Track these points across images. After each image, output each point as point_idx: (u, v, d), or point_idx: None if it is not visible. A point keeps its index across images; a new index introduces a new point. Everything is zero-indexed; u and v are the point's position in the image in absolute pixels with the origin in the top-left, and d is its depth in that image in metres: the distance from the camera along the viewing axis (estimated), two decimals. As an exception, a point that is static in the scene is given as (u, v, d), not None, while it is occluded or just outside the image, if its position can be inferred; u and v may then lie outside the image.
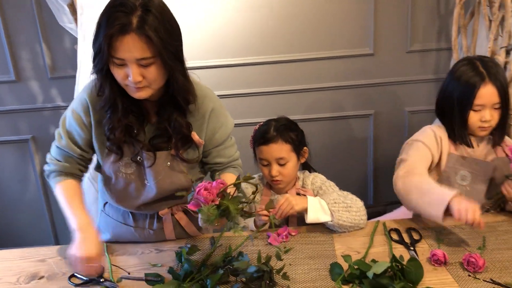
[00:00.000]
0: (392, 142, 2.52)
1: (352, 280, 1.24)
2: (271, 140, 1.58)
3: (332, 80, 2.39)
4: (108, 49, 1.14)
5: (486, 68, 1.52)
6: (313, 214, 1.46)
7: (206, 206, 1.14)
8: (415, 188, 1.48)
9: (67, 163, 1.40)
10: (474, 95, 1.50)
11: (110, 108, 1.29)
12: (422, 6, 2.28)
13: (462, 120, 1.54)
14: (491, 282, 1.21)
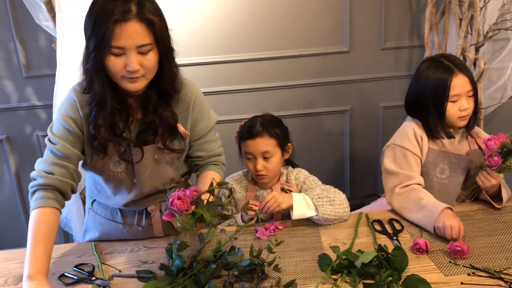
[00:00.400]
0: (367, 137, 2.59)
1: (340, 270, 1.29)
2: (257, 135, 1.62)
3: (309, 77, 2.43)
4: (109, 38, 1.15)
5: (451, 61, 1.60)
6: (299, 210, 1.50)
7: (180, 216, 1.13)
8: (411, 205, 1.55)
9: (62, 168, 1.31)
10: (448, 87, 1.57)
11: (97, 105, 1.28)
12: (395, 5, 2.35)
13: (440, 114, 1.60)
14: (470, 267, 1.28)
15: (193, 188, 1.16)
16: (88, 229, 1.59)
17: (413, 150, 1.64)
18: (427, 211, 1.49)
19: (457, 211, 1.58)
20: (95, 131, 1.31)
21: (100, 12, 1.16)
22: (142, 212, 1.51)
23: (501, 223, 1.49)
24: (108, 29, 1.15)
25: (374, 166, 2.66)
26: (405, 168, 1.63)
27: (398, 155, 1.66)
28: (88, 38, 1.20)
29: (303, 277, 1.29)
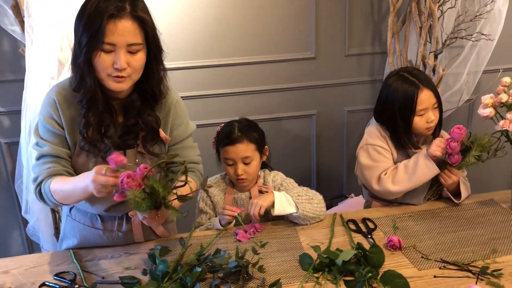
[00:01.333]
0: (333, 140, 2.68)
1: (321, 268, 1.35)
2: (236, 141, 1.65)
3: (277, 83, 2.49)
4: (102, 33, 1.17)
5: (415, 76, 1.70)
6: (280, 206, 1.55)
7: (130, 191, 1.10)
8: (405, 176, 1.65)
9: (57, 164, 1.34)
10: (415, 102, 1.66)
11: (89, 101, 1.29)
12: (357, 13, 2.45)
13: (407, 127, 1.70)
14: (441, 261, 1.37)
15: (143, 165, 1.14)
16: (65, 236, 1.57)
17: (384, 146, 1.74)
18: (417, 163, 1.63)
19: (423, 209, 1.69)
20: (85, 129, 1.31)
21: (94, 8, 1.18)
22: (122, 217, 1.51)
23: (464, 219, 1.60)
24: (102, 24, 1.17)
25: (340, 168, 2.75)
26: (381, 161, 1.72)
27: (371, 152, 1.74)
28: (80, 34, 1.21)
29: (286, 277, 1.33)
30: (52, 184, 1.29)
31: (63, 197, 1.29)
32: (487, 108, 1.50)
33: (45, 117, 1.34)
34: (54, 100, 1.33)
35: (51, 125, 1.33)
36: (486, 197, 1.75)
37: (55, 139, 1.34)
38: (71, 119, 1.35)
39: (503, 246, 1.43)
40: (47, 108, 1.34)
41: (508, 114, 1.44)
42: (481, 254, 1.39)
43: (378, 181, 1.71)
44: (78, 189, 1.23)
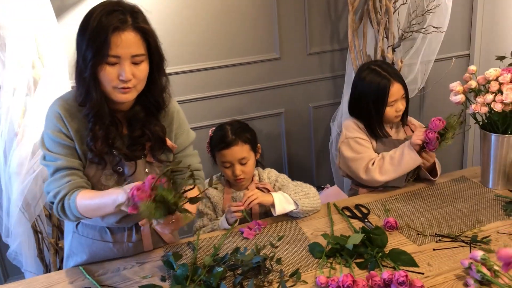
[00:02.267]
0: (301, 135, 2.80)
1: (332, 254, 1.44)
2: (232, 143, 1.71)
3: (246, 84, 2.57)
4: (107, 46, 1.19)
5: (386, 70, 1.84)
6: (280, 206, 1.63)
7: (142, 203, 1.14)
8: (391, 166, 1.78)
9: (76, 177, 1.34)
10: (387, 94, 1.81)
11: (96, 115, 1.30)
12: (316, 14, 2.58)
13: (379, 117, 1.85)
14: (436, 235, 1.51)
15: (150, 176, 1.18)
16: (72, 253, 1.55)
17: (363, 137, 1.87)
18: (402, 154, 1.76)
19: (406, 191, 1.83)
20: (93, 142, 1.32)
21: (97, 23, 1.20)
22: (131, 228, 1.53)
23: (444, 196, 1.77)
24: (106, 38, 1.19)
25: (309, 161, 2.88)
26: (363, 152, 1.85)
27: (353, 145, 1.87)
28: (84, 49, 1.22)
29: (300, 266, 1.41)
30: (79, 198, 1.29)
31: (89, 210, 1.30)
32: (459, 94, 1.66)
33: (53, 131, 1.33)
34: (59, 114, 1.33)
35: (61, 138, 1.33)
36: (458, 174, 1.93)
37: (67, 151, 1.34)
38: (78, 132, 1.35)
39: (484, 216, 1.60)
40: (53, 122, 1.33)
41: (478, 98, 1.61)
42: (467, 225, 1.55)
43: (365, 171, 1.83)
44: (108, 203, 1.25)
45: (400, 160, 1.76)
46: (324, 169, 2.92)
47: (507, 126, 1.66)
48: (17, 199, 1.96)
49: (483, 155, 1.78)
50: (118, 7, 1.24)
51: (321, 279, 1.29)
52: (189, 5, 2.32)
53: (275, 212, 1.63)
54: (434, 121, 1.67)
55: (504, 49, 2.77)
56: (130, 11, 1.25)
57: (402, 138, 1.91)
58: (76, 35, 1.27)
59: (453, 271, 1.33)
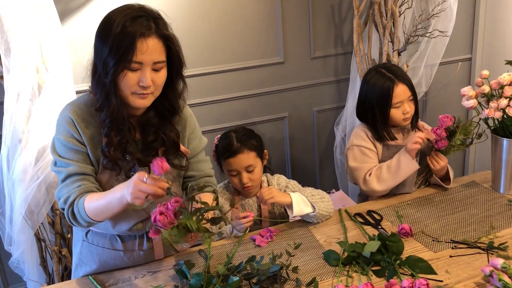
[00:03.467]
0: (304, 139, 2.78)
1: (348, 262, 1.42)
2: (237, 152, 1.68)
3: (250, 89, 2.54)
4: (132, 52, 1.18)
5: (391, 72, 1.83)
6: (297, 207, 1.60)
7: (166, 230, 1.14)
8: (388, 175, 1.77)
9: (87, 182, 1.32)
10: (391, 95, 1.79)
11: (114, 120, 1.27)
12: (320, 18, 2.57)
13: (384, 119, 1.83)
14: (452, 242, 1.50)
15: (174, 199, 1.17)
16: (81, 263, 1.52)
17: (369, 146, 1.85)
18: (399, 161, 1.76)
19: (417, 196, 1.82)
20: (108, 148, 1.30)
21: (121, 29, 1.18)
22: (142, 236, 1.50)
23: (457, 201, 1.75)
24: (133, 44, 1.17)
25: (313, 166, 2.86)
26: (365, 162, 1.84)
27: (357, 154, 1.85)
28: (106, 55, 1.19)
29: (317, 274, 1.39)
30: (86, 201, 1.27)
31: (97, 212, 1.28)
32: (471, 99, 1.65)
33: (65, 137, 1.31)
34: (71, 119, 1.31)
35: (73, 143, 1.31)
36: (467, 179, 1.93)
37: (79, 157, 1.32)
38: (91, 138, 1.33)
39: (498, 221, 1.59)
40: (65, 127, 1.31)
41: (491, 103, 1.60)
42: (482, 231, 1.54)
43: (364, 182, 1.82)
44: (114, 200, 1.23)
45: (397, 168, 1.75)
46: (328, 174, 2.90)
47: (520, 131, 1.65)
48: (21, 206, 1.92)
49: (494, 160, 1.77)
50: (142, 12, 1.22)
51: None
52: (193, 10, 2.29)
53: (292, 213, 1.60)
54: (442, 118, 1.67)
55: (506, 53, 2.79)
56: (154, 17, 1.23)
57: None
58: (95, 41, 1.25)
59: (472, 279, 1.31)
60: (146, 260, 1.53)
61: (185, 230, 1.16)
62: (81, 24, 2.13)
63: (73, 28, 2.12)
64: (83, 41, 2.13)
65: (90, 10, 2.12)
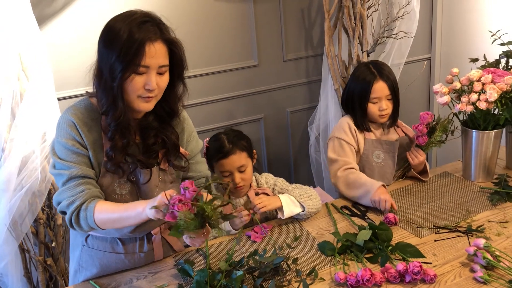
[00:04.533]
0: (279, 139, 2.87)
1: (343, 251, 1.51)
2: (229, 153, 1.73)
3: (226, 91, 2.60)
4: (140, 56, 1.21)
5: (377, 69, 1.94)
6: (288, 209, 1.68)
7: (181, 212, 1.16)
8: (352, 185, 1.84)
9: (90, 186, 1.33)
10: (369, 90, 1.91)
11: (118, 125, 1.30)
12: (291, 22, 2.66)
13: (362, 110, 1.94)
14: (434, 228, 1.61)
15: (192, 188, 1.21)
16: (81, 268, 1.52)
17: (348, 140, 1.95)
18: (366, 187, 1.79)
19: (396, 188, 1.93)
20: (112, 152, 1.33)
21: (128, 35, 1.21)
22: (142, 238, 1.52)
23: (434, 190, 1.88)
24: (141, 48, 1.21)
25: (288, 165, 2.94)
26: (342, 155, 1.93)
27: (336, 145, 1.95)
28: (113, 61, 1.22)
29: (316, 263, 1.47)
30: (98, 209, 1.29)
31: (108, 222, 1.30)
32: (445, 96, 1.78)
33: (67, 140, 1.32)
34: (73, 122, 1.32)
35: (75, 146, 1.32)
36: (440, 170, 2.06)
37: (81, 160, 1.33)
38: (93, 142, 1.35)
39: (473, 207, 1.72)
40: (67, 130, 1.32)
41: (463, 98, 1.74)
42: (460, 216, 1.67)
43: (334, 175, 1.92)
44: (132, 213, 1.26)
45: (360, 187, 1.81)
46: (302, 171, 2.99)
47: (487, 123, 1.79)
48: (5, 217, 1.89)
49: (465, 150, 1.91)
50: (147, 18, 1.26)
51: (340, 275, 1.35)
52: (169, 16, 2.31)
53: (284, 215, 1.67)
54: (423, 115, 1.79)
55: (462, 52, 2.98)
56: (158, 22, 1.27)
57: (394, 139, 2.00)
58: (100, 47, 1.27)
59: (458, 259, 1.43)
60: (146, 262, 1.55)
61: (199, 218, 1.19)
62: (60, 30, 2.11)
63: (52, 34, 2.10)
64: (63, 47, 2.12)
65: (67, 15, 2.11)
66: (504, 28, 2.00)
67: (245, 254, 1.50)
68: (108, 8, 2.17)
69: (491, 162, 1.87)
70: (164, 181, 1.46)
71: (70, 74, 2.17)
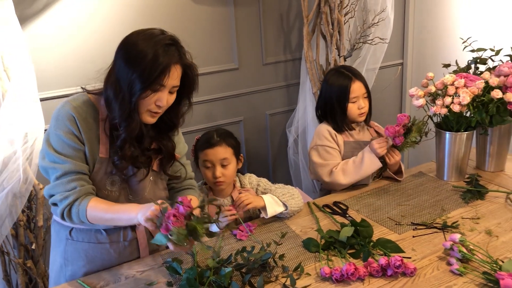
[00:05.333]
0: (259, 142, 2.92)
1: (326, 248, 1.57)
2: (216, 144, 1.79)
3: (206, 94, 2.63)
4: (164, 76, 1.27)
5: (349, 71, 2.04)
6: (271, 209, 1.72)
7: (175, 227, 1.23)
8: (352, 169, 1.94)
9: (84, 182, 1.37)
10: (349, 90, 1.99)
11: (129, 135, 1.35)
12: (270, 27, 2.71)
13: (342, 112, 2.02)
14: (412, 224, 1.69)
15: (186, 203, 1.27)
16: (67, 262, 1.52)
17: (332, 145, 2.02)
18: (361, 155, 1.94)
19: (375, 187, 2.01)
20: (120, 161, 1.39)
21: (155, 55, 1.26)
22: (126, 227, 1.55)
23: (410, 189, 1.97)
24: (166, 68, 1.27)
25: (267, 166, 2.99)
26: (330, 159, 2.00)
27: (321, 152, 2.02)
28: (134, 77, 1.27)
29: (301, 259, 1.52)
30: (91, 207, 1.33)
31: (100, 220, 1.36)
32: (420, 99, 1.87)
33: (65, 132, 1.34)
34: (73, 116, 1.35)
35: (72, 140, 1.35)
36: (415, 170, 2.15)
37: (76, 154, 1.36)
38: (90, 138, 1.38)
39: (447, 205, 1.81)
40: (65, 123, 1.35)
41: (437, 101, 1.83)
42: (435, 213, 1.75)
43: (329, 174, 1.98)
44: (124, 217, 1.33)
45: (361, 163, 1.93)
46: (281, 172, 3.05)
47: (460, 125, 1.89)
48: (-15, 219, 1.87)
49: (438, 151, 2.00)
50: (172, 41, 1.32)
51: (325, 270, 1.41)
52: (149, 20, 2.35)
53: (267, 214, 1.72)
54: (400, 116, 1.87)
55: (432, 57, 3.11)
56: (179, 45, 1.35)
57: (368, 139, 2.08)
58: (120, 63, 1.31)
59: (435, 254, 1.50)
60: (131, 251, 1.57)
61: (189, 233, 1.25)
62: (42, 31, 2.11)
63: (34, 35, 2.09)
64: (45, 48, 2.12)
65: (49, 16, 2.11)
66: (473, 35, 2.11)
67: (232, 252, 1.54)
68: (89, 9, 2.17)
69: (463, 163, 1.97)
70: (155, 182, 1.50)
71: (52, 75, 2.16)
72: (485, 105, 1.82)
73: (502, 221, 1.67)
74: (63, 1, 2.12)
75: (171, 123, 1.48)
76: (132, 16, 2.29)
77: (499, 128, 1.98)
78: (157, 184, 1.52)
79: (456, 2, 2.88)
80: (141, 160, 1.44)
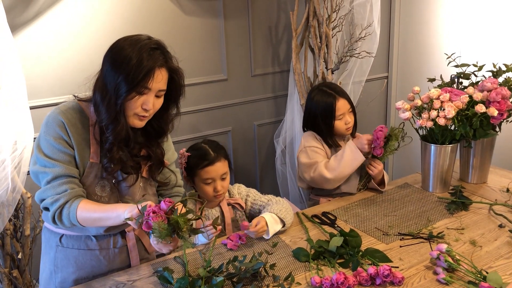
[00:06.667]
0: (247, 152, 2.94)
1: (316, 257, 1.59)
2: (215, 160, 1.79)
3: (195, 104, 2.65)
4: (148, 79, 1.30)
5: (332, 89, 2.09)
6: (272, 229, 1.71)
7: (156, 222, 1.24)
8: (336, 163, 1.99)
9: (74, 185, 1.38)
10: (334, 109, 2.03)
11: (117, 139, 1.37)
12: (259, 39, 2.76)
13: (329, 130, 2.07)
14: (399, 234, 1.73)
15: (168, 199, 1.29)
16: (57, 269, 1.53)
17: (319, 146, 2.08)
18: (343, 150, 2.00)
19: (362, 198, 2.05)
20: (110, 164, 1.40)
21: (139, 59, 1.29)
22: (116, 234, 1.57)
23: (396, 200, 2.01)
24: (150, 74, 1.29)
25: (254, 176, 3.02)
26: (317, 159, 2.05)
27: (309, 152, 2.07)
28: (119, 81, 1.29)
29: (291, 269, 1.54)
30: (81, 208, 1.35)
31: (90, 221, 1.37)
32: (407, 111, 1.92)
33: (55, 138, 1.36)
34: (62, 122, 1.37)
35: (62, 145, 1.37)
36: (401, 182, 2.20)
37: (66, 159, 1.38)
38: (79, 143, 1.40)
39: (433, 215, 1.86)
40: (55, 129, 1.37)
41: (423, 114, 1.88)
42: (421, 224, 1.79)
43: (315, 170, 2.03)
44: (113, 215, 1.33)
45: (343, 155, 1.99)
46: (268, 182, 3.08)
47: (445, 138, 1.94)
48: (-28, 228, 1.85)
49: (424, 163, 2.05)
50: (158, 45, 1.35)
51: (315, 279, 1.43)
52: (140, 28, 2.37)
53: (269, 235, 1.69)
54: (378, 128, 1.92)
55: (416, 71, 3.19)
56: (165, 49, 1.37)
57: None
58: (107, 67, 1.34)
59: (422, 263, 1.54)
60: (121, 259, 1.58)
61: (171, 228, 1.26)
62: (33, 38, 2.11)
63: (26, 42, 2.09)
64: (35, 57, 2.12)
65: (40, 24, 2.11)
66: (457, 51, 2.18)
67: (223, 261, 1.55)
68: (80, 19, 2.19)
69: (447, 174, 2.02)
70: (145, 188, 1.51)
71: (43, 83, 2.16)
72: (469, 119, 1.88)
73: (486, 231, 1.71)
74: (54, 10, 2.13)
75: (160, 129, 1.51)
76: (123, 26, 2.31)
77: (482, 141, 2.04)
78: (146, 190, 1.54)
79: (441, 19, 2.97)
80: (131, 164, 1.46)
